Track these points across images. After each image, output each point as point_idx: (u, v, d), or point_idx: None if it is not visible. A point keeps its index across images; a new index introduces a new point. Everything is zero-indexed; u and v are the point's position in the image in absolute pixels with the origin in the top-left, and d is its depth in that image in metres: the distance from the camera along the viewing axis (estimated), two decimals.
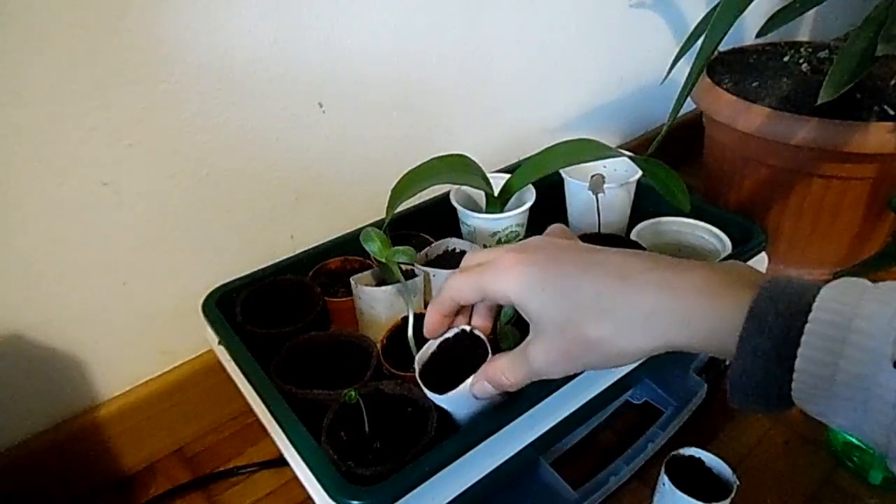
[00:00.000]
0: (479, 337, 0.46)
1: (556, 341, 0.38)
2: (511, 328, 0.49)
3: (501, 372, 0.42)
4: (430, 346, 0.47)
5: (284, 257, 0.63)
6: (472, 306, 0.46)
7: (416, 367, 0.45)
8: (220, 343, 0.55)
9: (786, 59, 0.89)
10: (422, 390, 0.44)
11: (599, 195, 0.61)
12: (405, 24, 0.69)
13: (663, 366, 0.65)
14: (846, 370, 0.28)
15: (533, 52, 0.85)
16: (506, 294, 0.40)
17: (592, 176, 0.60)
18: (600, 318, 0.36)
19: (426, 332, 0.47)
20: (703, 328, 0.34)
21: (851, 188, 0.77)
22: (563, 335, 0.38)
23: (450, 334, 0.47)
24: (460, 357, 0.46)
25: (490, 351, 0.45)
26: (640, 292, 0.36)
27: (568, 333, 0.37)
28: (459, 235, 0.67)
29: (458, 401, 0.44)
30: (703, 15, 0.80)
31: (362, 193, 0.74)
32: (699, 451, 0.51)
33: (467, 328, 0.47)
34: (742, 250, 0.61)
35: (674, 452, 0.54)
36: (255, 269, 0.61)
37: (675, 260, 0.37)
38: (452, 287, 0.43)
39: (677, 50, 0.81)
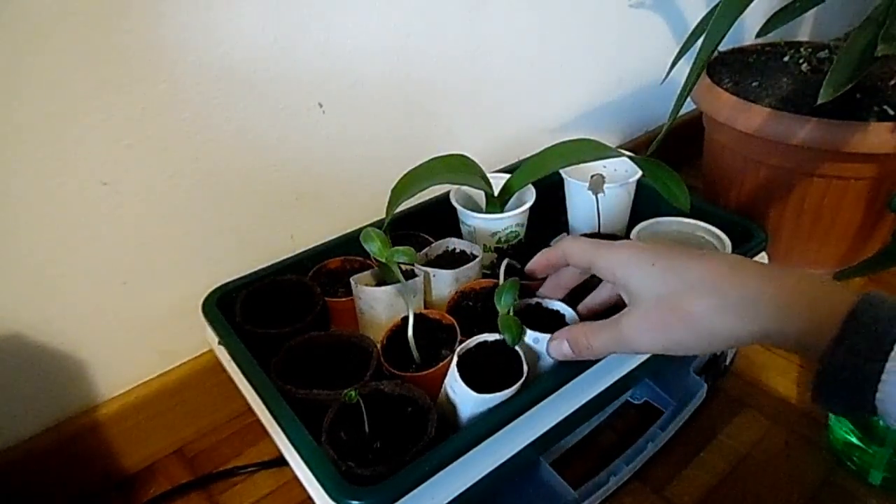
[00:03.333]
0: (517, 352, 0.48)
1: (653, 311, 0.40)
2: (514, 318, 0.48)
3: (585, 334, 0.45)
4: (469, 344, 0.48)
5: (284, 257, 0.63)
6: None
7: (459, 352, 0.47)
8: (220, 343, 0.55)
9: (786, 59, 0.89)
10: (451, 374, 0.46)
11: (599, 195, 0.61)
12: (405, 24, 0.69)
13: (663, 366, 0.65)
14: None
15: (533, 52, 0.85)
16: (612, 269, 0.43)
17: (592, 176, 0.60)
18: (704, 294, 0.38)
19: (528, 267, 0.52)
20: (802, 320, 0.35)
21: (851, 188, 0.77)
22: (663, 305, 0.40)
23: (490, 338, 0.49)
24: (493, 365, 0.47)
25: (526, 368, 0.46)
26: (746, 278, 0.38)
27: (668, 304, 0.40)
28: (459, 235, 0.67)
29: (487, 403, 0.45)
30: (703, 15, 0.80)
31: (362, 193, 0.74)
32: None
33: (489, 339, 0.49)
34: (742, 250, 0.61)
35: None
36: (255, 269, 0.61)
37: (777, 266, 0.40)
38: (567, 246, 0.47)
39: (677, 50, 0.81)
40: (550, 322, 0.52)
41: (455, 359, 0.46)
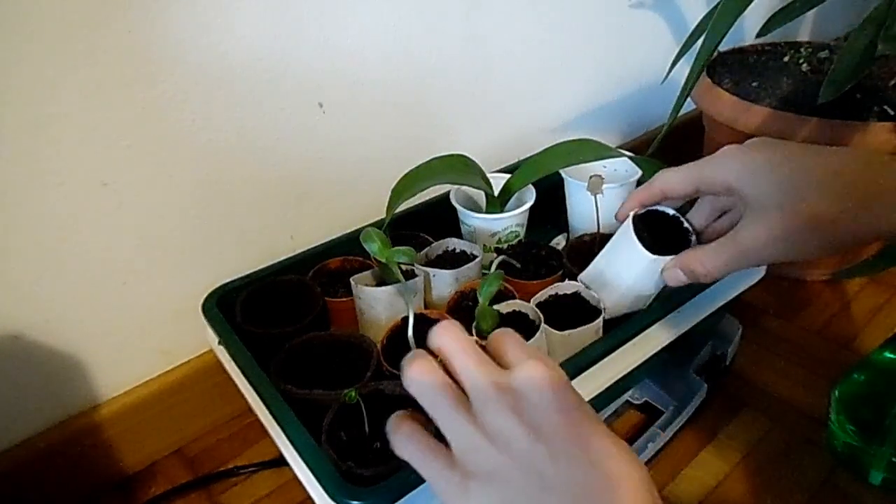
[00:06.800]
0: None
1: (778, 220, 0.37)
2: (491, 308, 0.48)
3: (699, 259, 0.43)
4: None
5: (284, 257, 0.63)
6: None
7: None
8: (220, 343, 0.55)
9: (786, 59, 0.89)
10: None
11: (598, 196, 0.61)
12: (405, 24, 0.69)
13: (663, 366, 0.65)
14: None
15: (533, 52, 0.85)
16: (726, 179, 0.40)
17: (591, 177, 0.60)
18: (835, 196, 0.36)
19: (618, 213, 0.49)
20: None
21: None
22: (788, 213, 0.37)
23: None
24: None
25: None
26: (876, 173, 0.35)
27: (794, 211, 0.37)
28: (459, 235, 0.67)
29: None
30: (703, 15, 0.80)
31: (362, 193, 0.74)
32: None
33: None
34: None
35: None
36: (255, 269, 0.61)
37: None
38: (664, 178, 0.44)
39: (677, 50, 0.81)
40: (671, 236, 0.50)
41: None
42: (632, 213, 0.49)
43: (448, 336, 0.35)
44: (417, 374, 0.35)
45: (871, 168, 0.36)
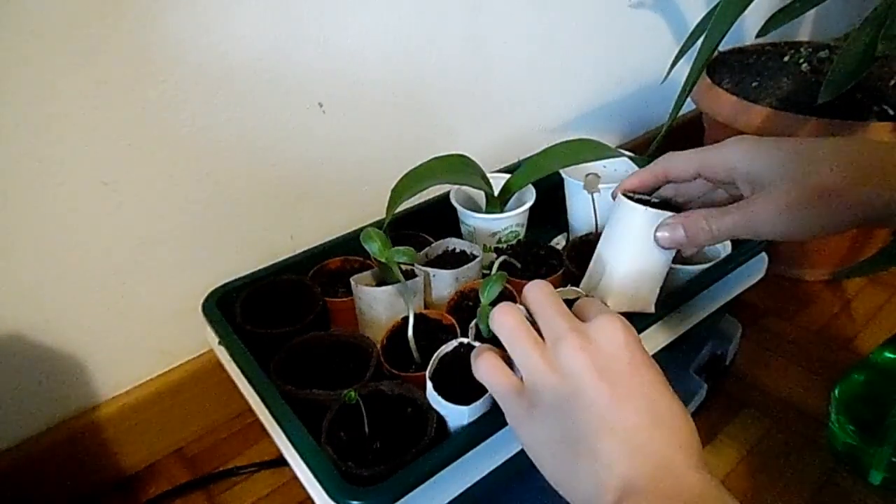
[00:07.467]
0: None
1: (784, 192, 0.39)
2: (492, 308, 0.48)
3: (705, 217, 0.42)
4: (437, 357, 0.47)
5: (284, 257, 0.62)
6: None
7: (429, 374, 0.45)
8: (220, 343, 0.55)
9: (786, 59, 0.89)
10: (430, 396, 0.44)
11: (595, 195, 0.61)
12: (405, 23, 0.69)
13: (663, 366, 0.65)
14: None
15: (533, 52, 0.85)
16: (730, 162, 0.42)
17: (587, 175, 0.60)
18: (840, 169, 0.37)
19: (620, 187, 0.49)
20: None
21: None
22: (797, 185, 0.38)
23: (449, 348, 0.47)
24: (461, 371, 0.46)
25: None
26: (879, 146, 0.38)
27: (801, 184, 0.38)
28: (459, 235, 0.67)
29: (473, 413, 0.43)
30: (703, 15, 0.80)
31: (362, 193, 0.74)
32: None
33: (465, 341, 0.47)
34: (742, 250, 0.61)
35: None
36: (255, 269, 0.61)
37: None
38: (667, 159, 0.45)
39: (677, 50, 0.81)
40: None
41: (429, 384, 0.44)
42: (620, 192, 0.49)
43: (535, 290, 0.40)
44: (501, 315, 0.39)
45: (871, 147, 0.38)
